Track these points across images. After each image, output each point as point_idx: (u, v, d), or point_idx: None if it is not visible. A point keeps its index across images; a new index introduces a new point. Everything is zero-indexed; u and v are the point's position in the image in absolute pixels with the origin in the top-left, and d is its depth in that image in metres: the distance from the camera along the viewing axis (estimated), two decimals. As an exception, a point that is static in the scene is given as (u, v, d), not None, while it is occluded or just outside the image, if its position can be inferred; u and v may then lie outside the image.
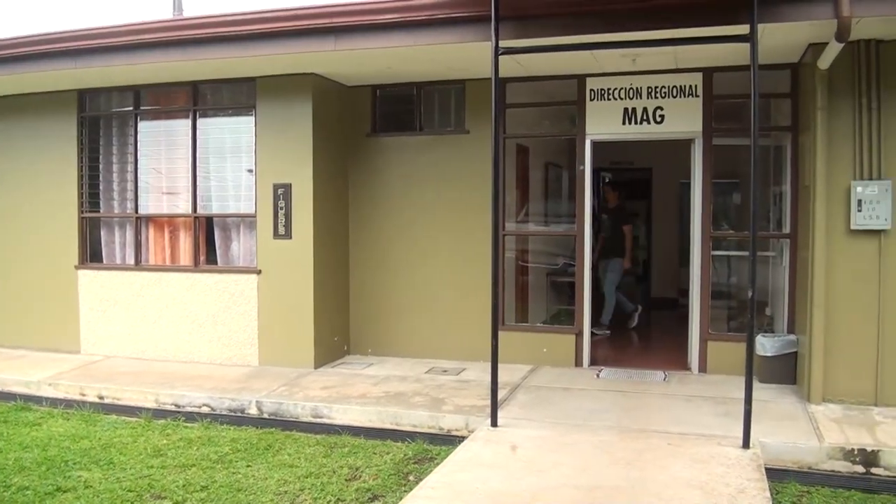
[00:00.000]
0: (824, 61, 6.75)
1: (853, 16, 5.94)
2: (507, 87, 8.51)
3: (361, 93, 9.09)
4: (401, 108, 9.09)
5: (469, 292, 8.63)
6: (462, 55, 7.49)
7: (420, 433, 6.61)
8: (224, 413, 7.34)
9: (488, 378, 6.33)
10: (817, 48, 6.81)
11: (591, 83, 8.33)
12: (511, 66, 7.72)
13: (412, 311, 8.99)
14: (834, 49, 6.44)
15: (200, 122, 9.04)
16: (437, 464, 5.55)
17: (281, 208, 8.55)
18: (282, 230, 8.57)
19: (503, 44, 6.22)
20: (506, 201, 8.85)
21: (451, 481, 5.10)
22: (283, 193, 8.52)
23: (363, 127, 9.11)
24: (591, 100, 8.35)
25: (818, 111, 6.97)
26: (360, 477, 5.57)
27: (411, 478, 5.52)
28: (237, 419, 7.17)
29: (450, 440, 6.30)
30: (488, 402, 6.39)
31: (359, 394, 7.46)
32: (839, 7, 5.91)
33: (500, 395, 6.82)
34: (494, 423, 6.27)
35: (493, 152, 6.18)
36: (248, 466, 5.79)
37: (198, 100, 9.01)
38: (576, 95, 8.41)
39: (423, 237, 8.91)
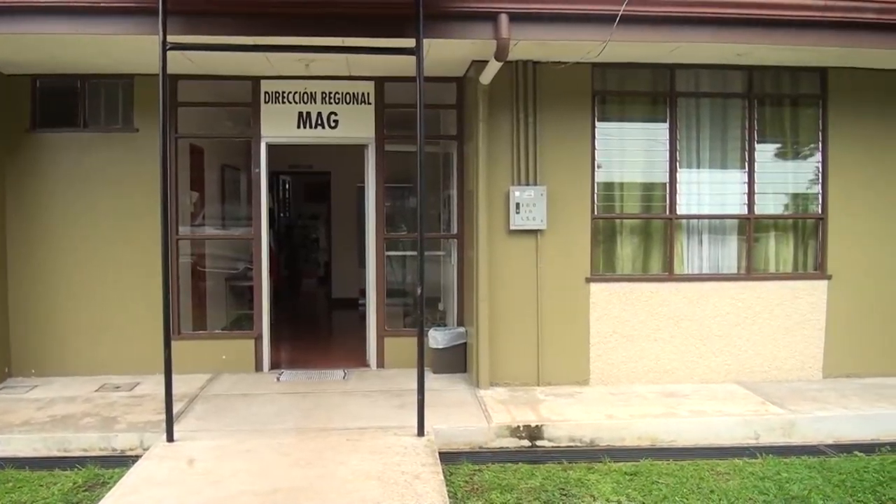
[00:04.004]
0: (486, 77, 7.32)
1: (511, 38, 6.53)
2: (179, 84, 8.17)
3: (20, 83, 8.15)
4: (64, 102, 8.27)
5: (141, 301, 8.15)
6: (130, 48, 7.06)
7: (91, 457, 6.08)
8: None
9: (164, 391, 6.04)
10: (480, 65, 7.38)
11: (266, 86, 8.28)
12: (183, 63, 7.44)
13: (80, 324, 8.25)
14: (494, 67, 7.00)
15: None
16: (110, 488, 5.16)
17: (-78, 213, 7.46)
18: (-77, 238, 7.46)
19: (172, 39, 5.95)
20: (180, 204, 8.49)
21: None
22: (-78, 196, 7.44)
23: (23, 122, 8.21)
24: (265, 102, 8.29)
25: (480, 123, 7.56)
26: (23, 512, 5.05)
27: (80, 507, 5.11)
28: None
29: (124, 461, 5.86)
30: (164, 416, 6.09)
31: (21, 421, 6.69)
32: (498, 29, 6.46)
33: (177, 407, 6.57)
34: (171, 438, 5.99)
35: (161, 152, 5.90)
36: None
37: None
38: (250, 97, 8.30)
39: (91, 244, 8.22)
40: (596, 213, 7.92)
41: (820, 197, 8.22)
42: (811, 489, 5.42)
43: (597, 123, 7.92)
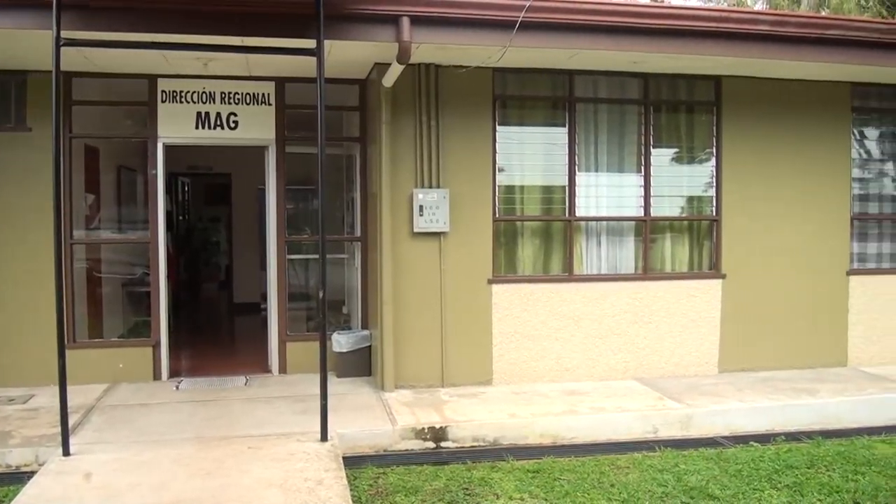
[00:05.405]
0: (388, 80, 7.31)
1: (413, 41, 6.56)
2: (74, 82, 7.88)
3: None
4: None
5: (34, 308, 7.76)
6: (23, 43, 6.78)
7: (-14, 475, 5.80)
8: None
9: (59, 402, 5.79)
10: (382, 67, 7.36)
11: (163, 84, 8.05)
12: (78, 60, 7.20)
13: (-32, 334, 7.85)
14: (397, 69, 7.01)
15: None
16: (3, 508, 4.96)
17: None
18: None
19: (66, 34, 5.70)
20: (74, 207, 8.16)
21: (12, 521, 4.60)
22: None
23: None
24: (162, 101, 8.06)
25: (383, 125, 7.56)
26: None
27: (-30, 528, 4.85)
28: None
29: (19, 478, 5.57)
30: (60, 429, 5.83)
31: None
32: (400, 32, 6.49)
33: (73, 419, 6.32)
34: (67, 452, 5.73)
35: (54, 152, 5.65)
36: None
37: None
38: (147, 96, 8.06)
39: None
40: (497, 215, 8.02)
41: (714, 200, 8.55)
42: (709, 480, 5.63)
43: (498, 127, 8.02)
